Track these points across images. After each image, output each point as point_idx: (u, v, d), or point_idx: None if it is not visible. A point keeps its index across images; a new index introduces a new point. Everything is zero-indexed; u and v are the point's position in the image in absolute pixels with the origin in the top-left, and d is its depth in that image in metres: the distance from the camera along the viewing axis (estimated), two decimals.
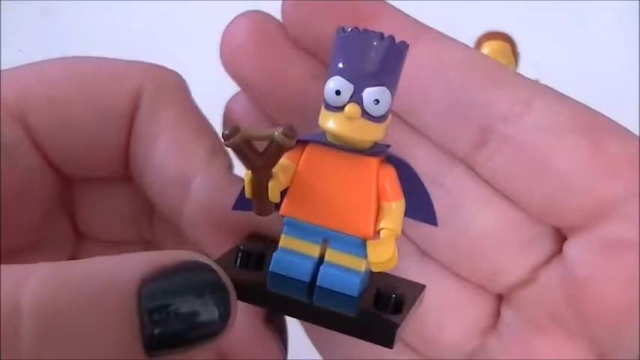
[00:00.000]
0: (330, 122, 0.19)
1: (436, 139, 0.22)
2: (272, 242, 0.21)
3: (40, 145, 0.22)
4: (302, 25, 0.22)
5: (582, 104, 0.21)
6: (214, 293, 0.17)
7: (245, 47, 0.23)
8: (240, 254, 0.20)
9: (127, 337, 0.16)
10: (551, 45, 0.58)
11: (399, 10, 0.23)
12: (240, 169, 0.21)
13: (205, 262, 0.18)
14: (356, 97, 0.18)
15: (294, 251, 0.20)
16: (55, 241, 0.24)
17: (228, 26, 0.23)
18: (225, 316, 0.17)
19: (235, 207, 0.21)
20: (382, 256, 0.19)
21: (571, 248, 0.21)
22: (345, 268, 0.20)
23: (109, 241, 0.25)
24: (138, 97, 0.23)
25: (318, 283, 0.20)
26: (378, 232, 0.19)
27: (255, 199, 0.19)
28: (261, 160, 0.18)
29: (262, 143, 0.18)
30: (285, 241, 0.20)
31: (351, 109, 0.18)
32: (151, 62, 0.24)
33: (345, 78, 0.18)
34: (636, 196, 0.20)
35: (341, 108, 0.19)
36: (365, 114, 0.19)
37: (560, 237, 0.22)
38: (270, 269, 0.20)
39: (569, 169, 0.20)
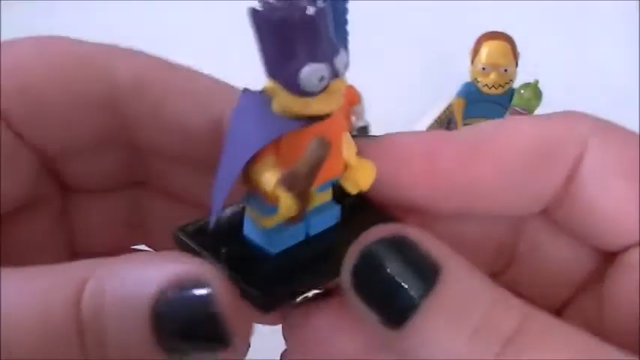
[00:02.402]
0: (313, 106, 0.18)
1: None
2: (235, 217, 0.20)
3: (15, 128, 0.22)
4: None
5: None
6: (214, 322, 0.18)
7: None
8: (228, 261, 0.19)
9: (145, 342, 0.18)
10: (551, 45, 0.59)
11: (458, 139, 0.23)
12: None
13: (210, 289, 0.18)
14: (333, 73, 0.18)
15: (278, 225, 0.20)
16: (44, 199, 0.24)
17: None
18: (227, 339, 0.18)
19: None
20: (370, 176, 0.20)
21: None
22: (320, 206, 0.20)
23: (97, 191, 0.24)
24: (114, 78, 0.22)
25: (310, 233, 0.20)
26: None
27: (299, 212, 0.19)
28: (310, 180, 0.19)
29: None
30: (264, 222, 0.20)
31: (340, 84, 0.18)
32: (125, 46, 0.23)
33: (315, 61, 0.18)
34: None
35: (319, 90, 0.18)
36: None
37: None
38: (273, 257, 0.20)
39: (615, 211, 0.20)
